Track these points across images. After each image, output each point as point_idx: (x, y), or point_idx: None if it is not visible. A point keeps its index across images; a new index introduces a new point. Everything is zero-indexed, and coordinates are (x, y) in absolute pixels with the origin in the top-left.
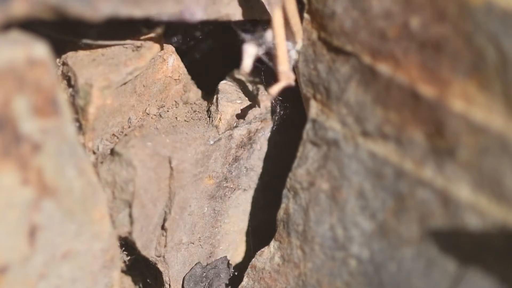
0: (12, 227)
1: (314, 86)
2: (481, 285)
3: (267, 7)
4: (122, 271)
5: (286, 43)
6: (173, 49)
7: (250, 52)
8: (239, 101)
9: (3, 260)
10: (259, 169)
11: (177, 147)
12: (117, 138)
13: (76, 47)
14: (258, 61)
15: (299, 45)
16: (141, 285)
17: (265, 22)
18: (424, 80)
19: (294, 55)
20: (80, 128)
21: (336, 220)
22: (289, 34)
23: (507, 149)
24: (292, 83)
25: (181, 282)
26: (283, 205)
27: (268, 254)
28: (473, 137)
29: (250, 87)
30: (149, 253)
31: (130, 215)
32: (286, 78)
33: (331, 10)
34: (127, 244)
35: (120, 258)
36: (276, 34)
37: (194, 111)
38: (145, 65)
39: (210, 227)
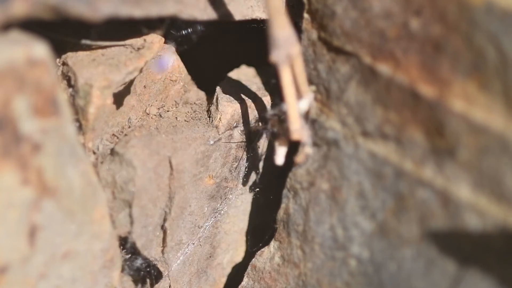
0: (12, 227)
1: (314, 86)
2: (481, 285)
3: (276, 66)
4: (122, 271)
5: (296, 101)
6: (173, 49)
7: (281, 152)
8: (239, 101)
9: (3, 260)
10: (259, 169)
11: (177, 147)
12: (117, 138)
13: (76, 47)
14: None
15: (305, 102)
16: (141, 285)
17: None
18: (424, 80)
19: (303, 108)
20: (80, 128)
21: (336, 220)
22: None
23: (507, 149)
24: (305, 139)
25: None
26: (283, 205)
27: (268, 254)
28: (473, 137)
29: (250, 87)
30: (149, 253)
31: (130, 215)
32: (298, 135)
33: (331, 10)
34: (127, 244)
35: (120, 258)
36: (287, 93)
37: (194, 111)
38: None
39: (210, 227)
